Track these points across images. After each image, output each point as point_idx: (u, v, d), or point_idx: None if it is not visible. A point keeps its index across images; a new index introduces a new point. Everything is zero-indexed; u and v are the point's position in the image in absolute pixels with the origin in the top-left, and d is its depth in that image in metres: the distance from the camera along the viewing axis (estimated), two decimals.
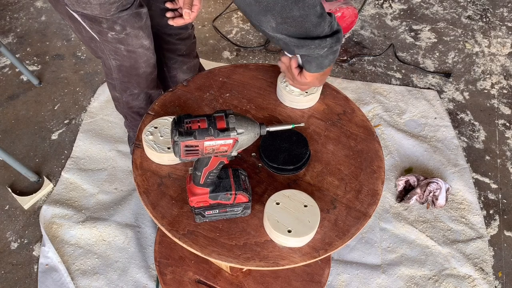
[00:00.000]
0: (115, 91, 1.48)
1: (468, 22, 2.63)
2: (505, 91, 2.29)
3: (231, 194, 0.90)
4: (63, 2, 1.14)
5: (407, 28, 2.56)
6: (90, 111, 2.00)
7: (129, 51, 1.29)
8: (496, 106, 2.21)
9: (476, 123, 2.13)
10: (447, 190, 1.77)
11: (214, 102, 1.17)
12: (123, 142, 1.89)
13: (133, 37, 1.25)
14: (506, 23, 2.66)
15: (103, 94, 2.07)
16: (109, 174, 1.79)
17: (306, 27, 0.88)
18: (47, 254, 1.55)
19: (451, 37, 2.53)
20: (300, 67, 1.05)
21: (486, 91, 2.28)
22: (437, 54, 2.44)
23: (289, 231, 0.88)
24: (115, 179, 1.78)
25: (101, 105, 2.03)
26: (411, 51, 2.43)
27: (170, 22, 1.21)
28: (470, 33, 2.56)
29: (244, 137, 0.79)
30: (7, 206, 1.70)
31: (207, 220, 0.92)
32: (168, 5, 1.23)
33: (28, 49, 2.30)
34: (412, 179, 1.80)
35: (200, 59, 1.71)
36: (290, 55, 1.06)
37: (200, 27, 2.48)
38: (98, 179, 1.77)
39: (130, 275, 1.54)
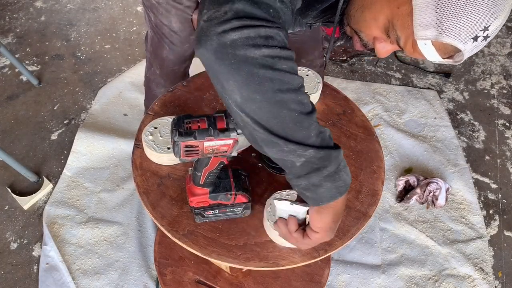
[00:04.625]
0: (146, 66, 1.48)
1: None
2: (504, 91, 2.29)
3: (231, 194, 0.89)
4: None
5: None
6: (91, 113, 2.00)
7: (156, 25, 1.27)
8: (496, 106, 2.21)
9: (476, 123, 2.13)
10: (447, 190, 1.77)
11: (214, 102, 1.16)
12: (126, 140, 1.87)
13: (163, 10, 1.22)
14: (506, 23, 2.66)
15: (104, 96, 2.07)
16: (111, 172, 1.79)
17: (281, 120, 0.61)
18: (49, 253, 1.55)
19: None
20: (300, 225, 0.80)
21: (486, 91, 2.28)
22: None
23: None
24: (117, 178, 1.78)
25: (103, 107, 2.02)
26: None
27: None
28: None
29: (244, 137, 0.79)
30: (7, 206, 1.70)
31: (207, 220, 0.92)
32: None
33: (27, 49, 2.29)
34: (412, 179, 1.80)
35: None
36: (283, 215, 0.81)
37: None
38: (100, 177, 1.77)
39: (131, 274, 1.54)
